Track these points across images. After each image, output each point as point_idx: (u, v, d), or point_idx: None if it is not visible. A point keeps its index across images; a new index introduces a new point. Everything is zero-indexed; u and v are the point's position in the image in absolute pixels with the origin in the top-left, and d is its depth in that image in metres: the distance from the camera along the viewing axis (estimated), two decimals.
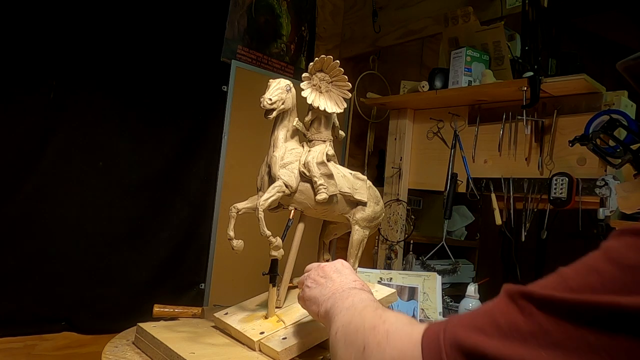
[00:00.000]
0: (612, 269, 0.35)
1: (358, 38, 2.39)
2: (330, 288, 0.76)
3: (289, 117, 1.05)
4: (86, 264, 1.66)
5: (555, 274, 0.39)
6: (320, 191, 0.98)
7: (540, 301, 0.37)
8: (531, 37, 1.58)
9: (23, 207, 1.55)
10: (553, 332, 0.35)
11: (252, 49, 2.12)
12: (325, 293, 0.75)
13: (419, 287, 1.49)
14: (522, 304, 0.38)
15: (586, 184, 1.50)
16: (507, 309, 0.39)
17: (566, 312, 0.35)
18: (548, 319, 0.36)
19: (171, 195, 1.87)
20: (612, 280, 0.35)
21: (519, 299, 0.39)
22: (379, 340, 0.51)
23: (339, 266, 0.82)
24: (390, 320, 0.54)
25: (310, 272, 0.84)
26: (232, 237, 0.98)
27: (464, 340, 0.40)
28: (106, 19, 1.70)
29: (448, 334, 0.42)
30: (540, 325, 0.36)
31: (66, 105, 1.62)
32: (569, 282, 0.37)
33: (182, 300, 1.85)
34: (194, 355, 0.86)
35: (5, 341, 1.52)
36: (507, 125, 1.73)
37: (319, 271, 0.82)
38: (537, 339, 0.36)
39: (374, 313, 0.58)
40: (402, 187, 2.06)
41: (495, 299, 0.42)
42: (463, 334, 0.40)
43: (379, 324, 0.53)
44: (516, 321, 0.37)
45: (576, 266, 0.38)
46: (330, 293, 0.74)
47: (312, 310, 0.79)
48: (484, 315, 0.41)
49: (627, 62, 0.53)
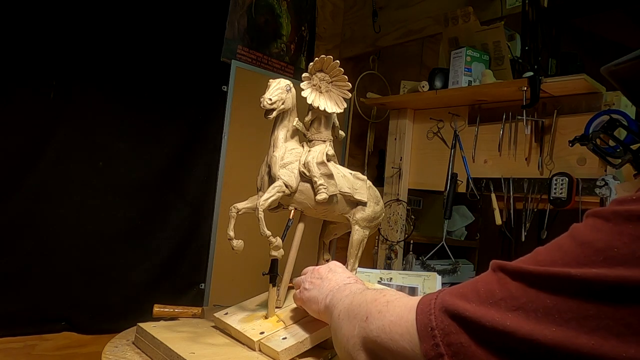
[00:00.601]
0: (571, 245, 0.42)
1: (358, 38, 2.39)
2: (327, 286, 0.82)
3: (289, 117, 1.05)
4: (86, 264, 1.66)
5: (532, 252, 0.46)
6: (320, 191, 0.98)
7: (512, 272, 0.44)
8: (531, 37, 1.58)
9: (23, 207, 1.55)
10: (519, 297, 0.42)
11: (252, 49, 2.12)
12: (323, 291, 0.81)
13: (419, 287, 1.49)
14: (499, 275, 0.45)
15: (586, 184, 1.51)
16: (487, 279, 0.46)
17: (531, 280, 0.42)
18: (517, 287, 0.43)
19: (171, 195, 1.87)
20: (569, 254, 0.41)
21: (498, 271, 0.45)
22: (379, 309, 0.57)
23: (332, 266, 0.88)
24: (390, 292, 0.61)
25: (306, 275, 0.90)
26: (232, 237, 0.98)
27: (449, 304, 0.46)
28: (106, 19, 1.70)
29: (438, 300, 0.49)
30: (510, 291, 0.43)
31: (66, 105, 1.62)
32: (538, 257, 0.44)
33: (182, 300, 1.85)
34: (194, 355, 0.86)
35: (5, 341, 1.52)
36: (507, 125, 1.73)
37: (314, 273, 0.88)
38: (506, 303, 0.42)
39: (374, 290, 0.65)
40: (402, 187, 2.06)
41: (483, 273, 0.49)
42: (449, 299, 0.47)
43: (379, 297, 0.60)
44: (492, 288, 0.44)
45: (548, 245, 0.45)
46: (328, 290, 0.80)
47: (312, 310, 0.85)
48: (470, 285, 0.48)
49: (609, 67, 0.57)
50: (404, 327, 0.51)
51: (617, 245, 0.39)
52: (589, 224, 0.43)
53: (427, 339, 0.47)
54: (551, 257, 0.43)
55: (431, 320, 0.47)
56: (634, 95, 0.60)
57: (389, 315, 0.54)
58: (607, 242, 0.39)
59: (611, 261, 0.38)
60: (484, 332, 0.42)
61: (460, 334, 0.44)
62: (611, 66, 0.56)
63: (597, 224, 0.42)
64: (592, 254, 0.40)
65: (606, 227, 0.41)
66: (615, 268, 0.38)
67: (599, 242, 0.40)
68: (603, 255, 0.39)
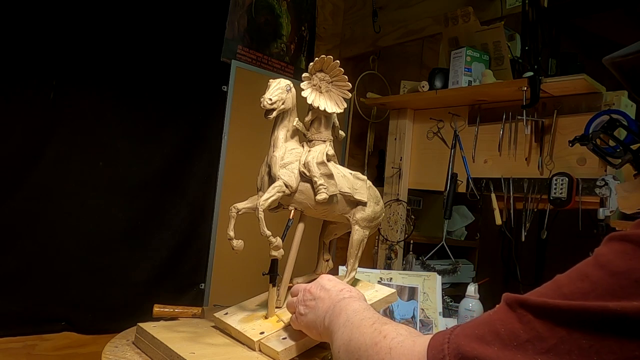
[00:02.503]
0: (601, 275, 0.37)
1: (358, 38, 2.39)
2: (322, 308, 0.77)
3: (289, 117, 1.05)
4: (86, 263, 1.66)
5: (552, 282, 0.41)
6: (320, 191, 0.98)
7: (536, 308, 0.39)
8: (531, 37, 1.58)
9: (23, 207, 1.55)
10: (548, 337, 0.37)
11: (252, 49, 2.12)
12: (319, 314, 0.76)
13: (419, 287, 1.49)
14: (520, 312, 0.40)
15: (586, 184, 1.50)
16: (506, 318, 0.41)
17: (560, 317, 0.37)
18: (543, 325, 0.38)
19: (171, 195, 1.87)
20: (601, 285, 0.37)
21: (517, 308, 0.40)
22: (382, 358, 0.51)
23: (324, 282, 0.83)
24: (390, 335, 0.54)
25: (298, 297, 0.85)
26: (232, 237, 0.98)
27: (466, 350, 0.41)
28: (106, 19, 1.70)
29: (452, 345, 0.43)
30: (536, 331, 0.38)
31: (66, 105, 1.62)
32: (562, 289, 0.39)
33: (182, 300, 1.85)
34: (194, 355, 0.86)
35: (5, 341, 1.52)
36: (507, 125, 1.73)
37: (306, 294, 0.83)
38: (534, 345, 0.37)
39: (372, 328, 0.58)
40: (402, 187, 2.06)
41: (495, 308, 0.43)
42: (466, 343, 0.42)
43: (379, 340, 0.54)
44: (514, 329, 0.39)
45: (570, 273, 0.40)
46: (324, 312, 0.75)
47: (313, 335, 0.81)
48: (485, 325, 0.42)
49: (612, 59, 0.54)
50: None
51: None
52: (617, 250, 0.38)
53: None
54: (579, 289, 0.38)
55: None
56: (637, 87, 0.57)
57: None
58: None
59: None
60: None
61: None
62: (614, 57, 0.54)
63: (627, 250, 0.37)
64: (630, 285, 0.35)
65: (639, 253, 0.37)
66: None
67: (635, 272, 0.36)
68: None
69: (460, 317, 1.45)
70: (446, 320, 1.45)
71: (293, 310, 0.87)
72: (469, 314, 1.43)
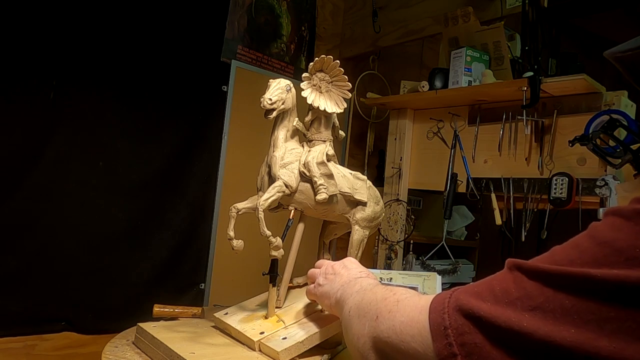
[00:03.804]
0: (589, 245, 0.41)
1: (358, 38, 2.39)
2: (339, 281, 0.82)
3: (289, 117, 1.05)
4: (86, 264, 1.66)
5: (549, 251, 0.45)
6: (320, 191, 0.98)
7: (528, 270, 0.43)
8: (531, 37, 1.58)
9: (23, 207, 1.55)
10: (536, 296, 0.41)
11: (252, 49, 2.12)
12: (335, 286, 0.81)
13: (419, 287, 1.48)
14: (515, 274, 0.44)
15: (586, 184, 1.50)
16: (503, 278, 0.45)
17: (548, 279, 0.41)
18: (533, 286, 0.42)
19: (171, 195, 1.87)
20: (587, 253, 0.40)
21: (514, 270, 0.44)
22: (390, 309, 0.56)
23: (347, 262, 0.88)
24: (400, 291, 0.60)
25: (321, 269, 0.90)
26: (232, 237, 0.99)
27: (463, 303, 0.45)
28: (106, 19, 1.70)
29: (452, 299, 0.47)
30: (526, 290, 0.42)
31: (66, 105, 1.62)
32: (555, 256, 0.43)
33: (182, 300, 1.85)
34: (194, 355, 0.86)
35: (5, 341, 1.52)
36: (507, 125, 1.73)
37: (329, 269, 0.88)
38: (523, 303, 0.41)
39: (384, 288, 0.64)
40: (402, 187, 2.06)
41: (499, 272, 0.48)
42: (464, 298, 0.46)
43: (389, 296, 0.59)
44: (508, 287, 0.43)
45: (565, 243, 0.44)
46: (339, 285, 0.80)
47: (325, 304, 0.86)
48: (485, 284, 0.47)
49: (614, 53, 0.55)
50: (416, 329, 0.49)
51: (639, 245, 0.37)
52: (609, 223, 0.41)
53: (440, 338, 0.45)
54: (569, 256, 0.41)
55: (444, 320, 0.46)
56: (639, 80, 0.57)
57: (399, 316, 0.53)
58: (628, 242, 0.38)
59: (633, 262, 0.37)
60: (499, 332, 0.41)
61: (475, 334, 0.43)
62: (615, 52, 0.55)
63: (617, 222, 0.40)
64: (613, 253, 0.38)
65: (627, 226, 0.39)
66: (637, 269, 0.36)
67: (619, 242, 0.39)
68: (624, 256, 0.38)
69: None
70: None
71: (312, 281, 0.91)
72: None
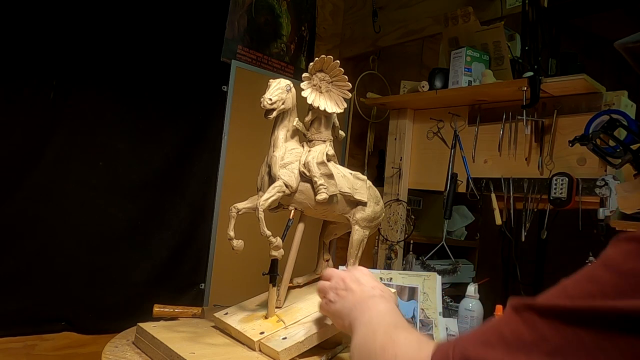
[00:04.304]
0: (608, 276, 0.37)
1: (358, 38, 2.39)
2: (351, 300, 0.78)
3: (289, 117, 1.05)
4: (86, 264, 1.66)
5: (558, 286, 0.41)
6: (320, 191, 0.98)
7: (541, 310, 0.39)
8: (531, 37, 1.58)
9: (23, 207, 1.55)
10: (553, 338, 0.36)
11: (252, 49, 2.12)
12: (347, 306, 0.77)
13: (419, 287, 1.48)
14: (525, 315, 0.40)
15: (586, 184, 1.50)
16: (511, 321, 0.41)
17: (565, 317, 0.37)
18: (549, 326, 0.37)
19: (171, 195, 1.87)
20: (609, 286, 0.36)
21: (523, 311, 0.40)
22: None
23: (358, 275, 0.83)
24: (400, 342, 0.55)
25: (331, 283, 0.85)
26: (232, 237, 0.99)
27: (471, 355, 0.41)
28: (106, 19, 1.70)
29: (457, 351, 0.43)
30: (541, 333, 0.37)
31: (66, 105, 1.62)
32: (568, 291, 0.39)
33: (182, 300, 1.85)
34: (194, 355, 0.86)
35: (5, 341, 1.52)
36: (507, 125, 1.73)
37: (339, 283, 0.83)
38: (539, 347, 0.37)
39: (385, 333, 0.59)
40: (402, 187, 2.06)
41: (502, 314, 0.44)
42: (471, 348, 0.42)
43: (388, 347, 0.55)
44: (520, 331, 0.39)
45: (576, 276, 0.40)
46: (352, 305, 0.76)
47: (338, 324, 0.81)
48: (491, 329, 0.42)
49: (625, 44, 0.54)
50: None
51: None
52: (625, 250, 0.38)
53: None
54: (586, 290, 0.37)
55: None
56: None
57: None
58: None
59: None
60: None
61: None
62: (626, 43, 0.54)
63: (633, 250, 0.37)
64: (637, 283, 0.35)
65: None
66: None
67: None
68: None
69: (460, 317, 1.45)
70: (446, 320, 1.45)
71: (323, 295, 0.86)
72: (469, 314, 1.43)
